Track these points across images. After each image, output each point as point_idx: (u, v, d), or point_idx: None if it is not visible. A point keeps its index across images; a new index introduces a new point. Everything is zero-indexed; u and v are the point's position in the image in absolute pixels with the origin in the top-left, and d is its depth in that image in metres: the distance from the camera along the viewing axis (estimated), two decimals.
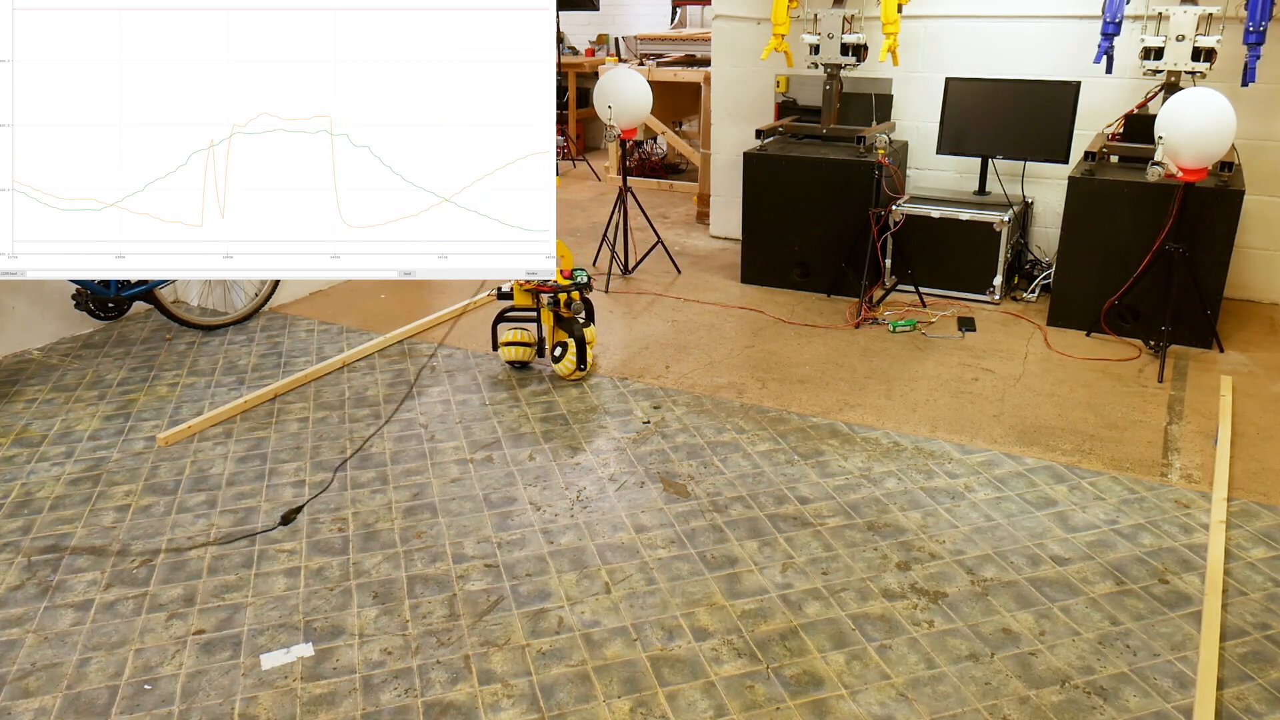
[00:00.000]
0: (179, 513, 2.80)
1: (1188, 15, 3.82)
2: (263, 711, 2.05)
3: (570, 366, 3.65)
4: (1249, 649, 2.21)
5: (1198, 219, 3.79)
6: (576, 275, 3.68)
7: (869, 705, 2.05)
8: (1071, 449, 3.14)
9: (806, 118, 5.01)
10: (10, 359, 3.90)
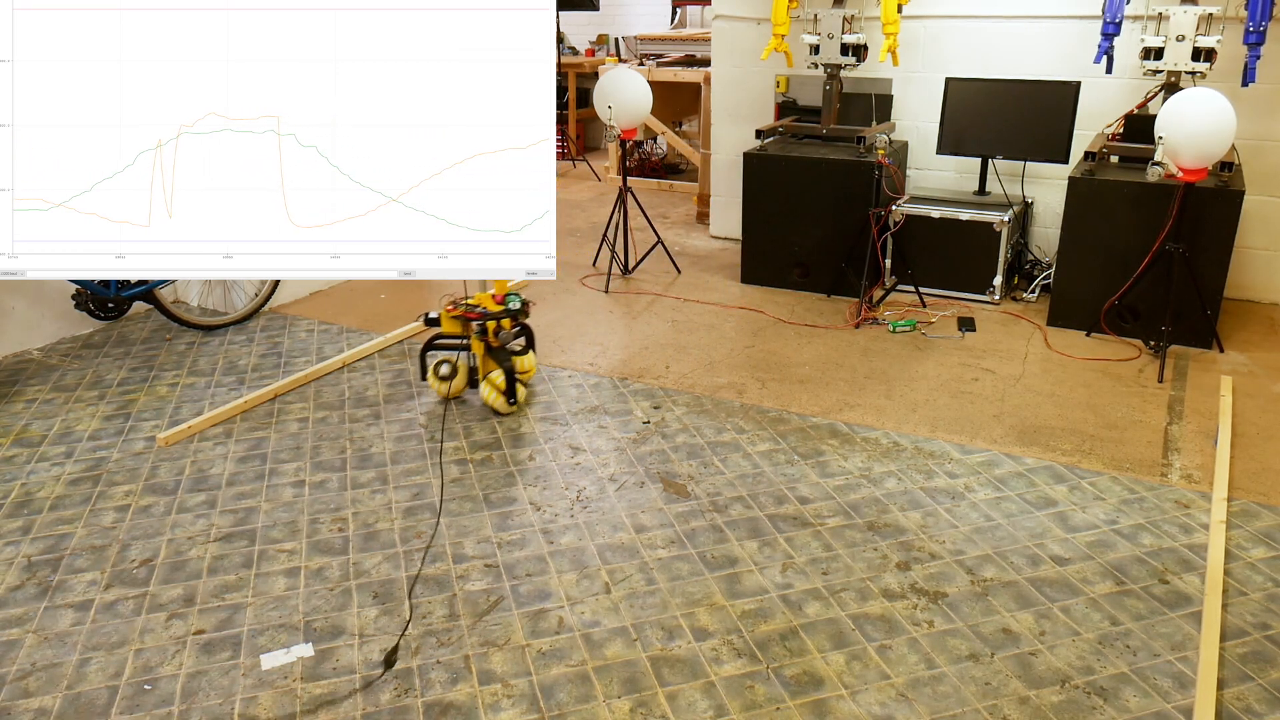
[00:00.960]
0: (179, 513, 2.80)
1: (1188, 15, 3.82)
2: (263, 711, 2.05)
3: (497, 401, 3.35)
4: (1249, 649, 2.21)
5: (1198, 219, 3.79)
6: (509, 301, 3.39)
7: (869, 705, 2.05)
8: (1071, 449, 3.14)
9: (806, 118, 5.01)
10: (10, 359, 3.90)
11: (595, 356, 3.92)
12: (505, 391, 3.32)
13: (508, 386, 3.32)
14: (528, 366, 3.50)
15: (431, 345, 3.51)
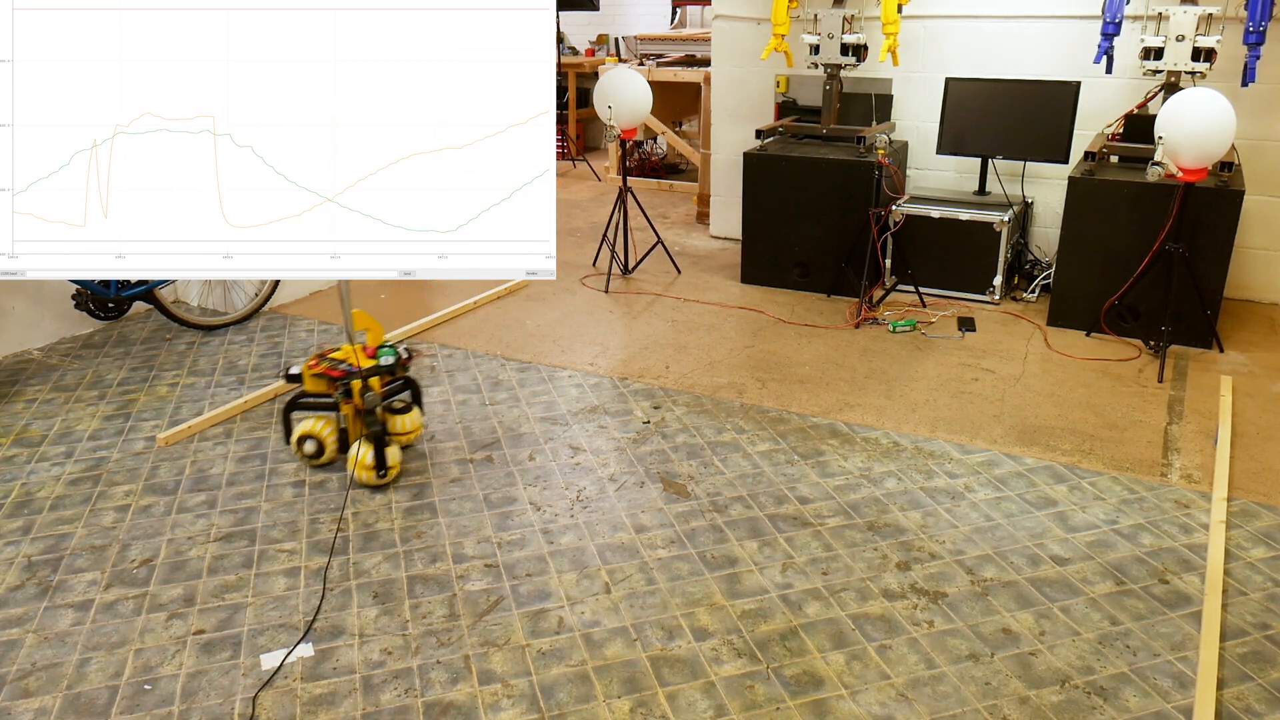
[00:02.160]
0: (179, 513, 2.80)
1: (1188, 15, 3.82)
2: (263, 711, 2.05)
3: (363, 474, 2.87)
4: (1249, 649, 2.22)
5: (1198, 219, 3.79)
6: (381, 355, 2.96)
7: (869, 705, 2.05)
8: (1071, 449, 3.14)
9: (806, 118, 5.01)
10: (10, 359, 3.90)
11: (595, 356, 3.92)
12: (373, 464, 2.85)
13: (375, 457, 2.85)
14: (411, 427, 3.03)
15: (295, 404, 3.04)
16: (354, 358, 2.93)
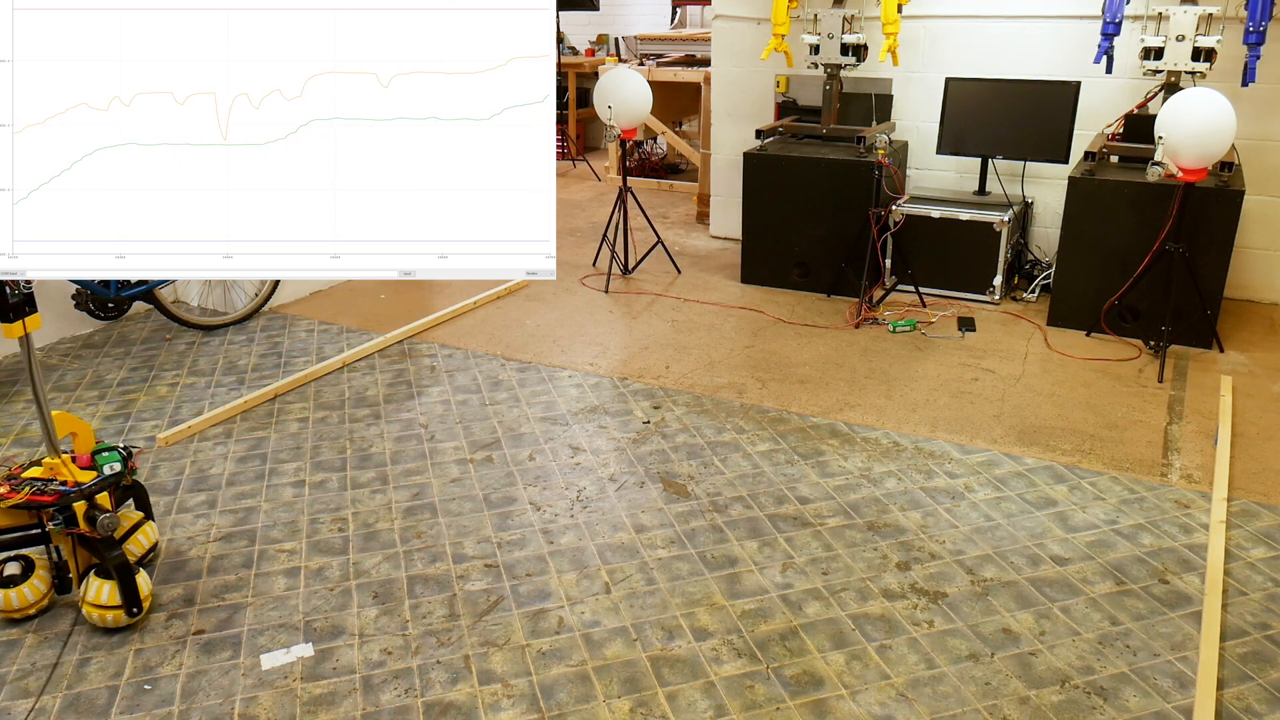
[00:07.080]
0: (179, 513, 2.80)
1: (1188, 15, 3.82)
2: (263, 711, 2.05)
3: (109, 617, 2.25)
4: (1249, 649, 2.22)
5: (1198, 219, 3.79)
6: (101, 461, 2.31)
7: (869, 705, 2.05)
8: (1071, 449, 3.14)
9: (806, 118, 5.01)
10: (10, 359, 3.89)
11: (595, 356, 3.92)
12: (123, 598, 2.24)
13: (123, 594, 2.23)
14: (149, 542, 2.51)
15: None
16: (64, 472, 2.27)
